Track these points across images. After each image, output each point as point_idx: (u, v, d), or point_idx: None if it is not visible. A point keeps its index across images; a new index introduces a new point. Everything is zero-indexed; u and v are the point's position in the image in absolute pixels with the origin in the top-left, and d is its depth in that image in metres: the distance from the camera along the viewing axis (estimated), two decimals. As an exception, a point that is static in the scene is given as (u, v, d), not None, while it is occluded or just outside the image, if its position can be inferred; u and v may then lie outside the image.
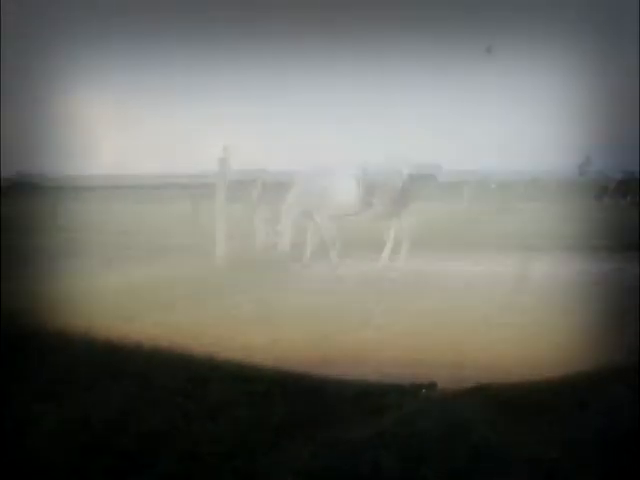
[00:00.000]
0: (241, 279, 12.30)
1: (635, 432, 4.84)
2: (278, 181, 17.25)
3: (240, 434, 4.97)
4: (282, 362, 7.04)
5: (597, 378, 6.22)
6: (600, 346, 7.37)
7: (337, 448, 4.67)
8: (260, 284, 11.91)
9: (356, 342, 7.95)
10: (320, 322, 8.91)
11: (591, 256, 14.44)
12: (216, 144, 14.97)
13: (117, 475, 4.39)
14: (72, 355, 6.92)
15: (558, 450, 4.57)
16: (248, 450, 4.69)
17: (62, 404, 5.59)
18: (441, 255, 14.94)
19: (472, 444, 4.65)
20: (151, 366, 6.54)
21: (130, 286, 11.23)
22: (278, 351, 7.53)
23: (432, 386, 5.90)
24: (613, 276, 12.32)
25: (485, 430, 4.85)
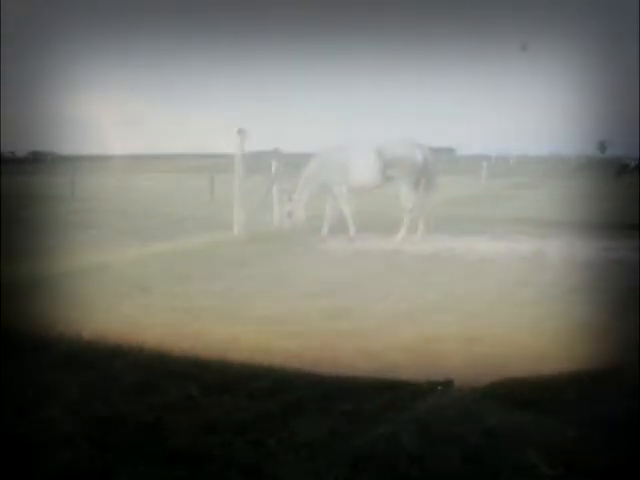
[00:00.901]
0: (258, 252, 12.30)
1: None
2: (297, 154, 17.25)
3: (256, 407, 4.97)
4: (298, 335, 7.04)
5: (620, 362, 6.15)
6: (618, 325, 7.31)
7: (354, 423, 4.66)
8: (277, 257, 11.90)
9: (373, 315, 7.93)
10: (337, 295, 8.90)
11: (610, 234, 14.33)
12: (231, 128, 14.90)
13: (134, 447, 4.39)
14: (87, 327, 6.93)
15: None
16: (264, 423, 4.70)
17: (79, 375, 5.60)
18: (459, 231, 14.88)
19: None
20: (166, 339, 6.54)
21: (147, 257, 11.24)
22: (294, 324, 7.51)
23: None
24: (633, 255, 12.19)
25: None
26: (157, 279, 9.63)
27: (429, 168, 14.45)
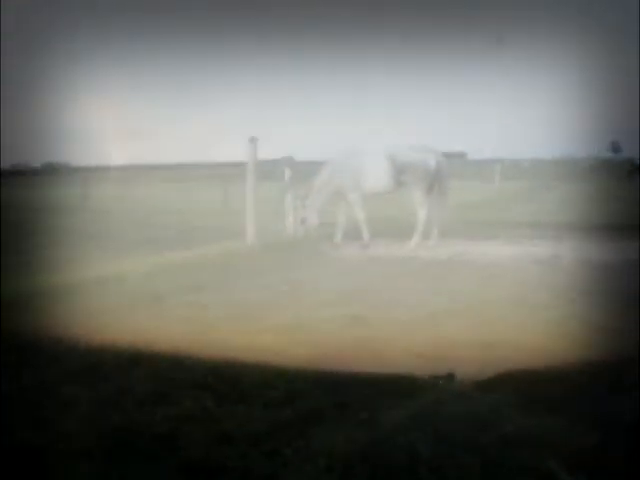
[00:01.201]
0: (272, 260, 12.28)
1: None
2: (310, 161, 17.25)
3: (271, 417, 4.93)
4: (313, 343, 7.01)
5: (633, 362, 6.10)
6: (635, 327, 7.25)
7: (370, 431, 4.62)
8: (291, 265, 11.87)
9: (388, 322, 7.89)
10: (352, 302, 8.87)
11: (624, 235, 14.26)
12: (243, 136, 14.88)
13: (148, 458, 4.36)
14: (101, 338, 6.90)
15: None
16: (280, 434, 4.65)
17: (93, 387, 5.58)
18: (473, 235, 14.85)
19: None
20: (181, 349, 6.51)
21: (161, 267, 11.23)
22: (309, 332, 7.48)
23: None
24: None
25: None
26: (171, 289, 9.61)
27: (442, 173, 14.45)
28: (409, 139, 15.19)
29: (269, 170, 16.11)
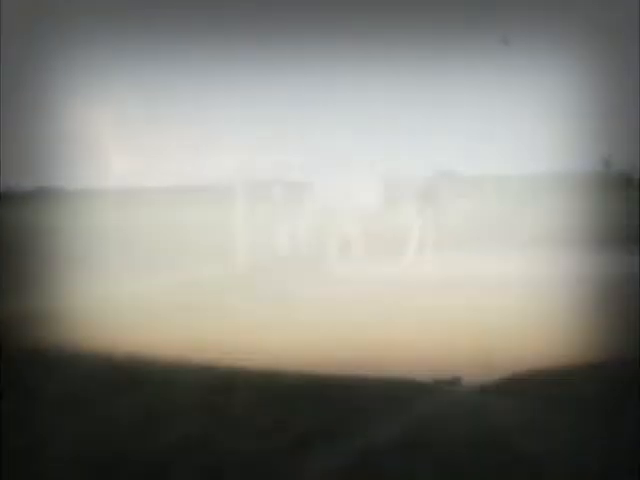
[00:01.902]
0: (264, 280, 12.21)
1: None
2: (300, 182, 17.23)
3: (266, 438, 4.85)
4: (309, 364, 6.94)
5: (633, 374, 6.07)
6: (633, 339, 7.23)
7: (366, 450, 4.55)
8: (283, 284, 11.81)
9: (383, 341, 7.83)
10: (346, 322, 8.81)
11: (619, 249, 14.25)
12: (232, 156, 14.87)
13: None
14: (96, 362, 6.83)
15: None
16: (274, 454, 4.57)
17: (89, 410, 5.50)
18: (466, 250, 14.79)
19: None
20: (174, 372, 6.43)
21: (152, 291, 11.16)
22: (303, 352, 7.42)
23: (455, 382, 5.73)
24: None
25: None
26: (164, 311, 9.54)
27: (433, 189, 14.43)
28: (400, 156, 15.07)
29: (260, 190, 16.07)
